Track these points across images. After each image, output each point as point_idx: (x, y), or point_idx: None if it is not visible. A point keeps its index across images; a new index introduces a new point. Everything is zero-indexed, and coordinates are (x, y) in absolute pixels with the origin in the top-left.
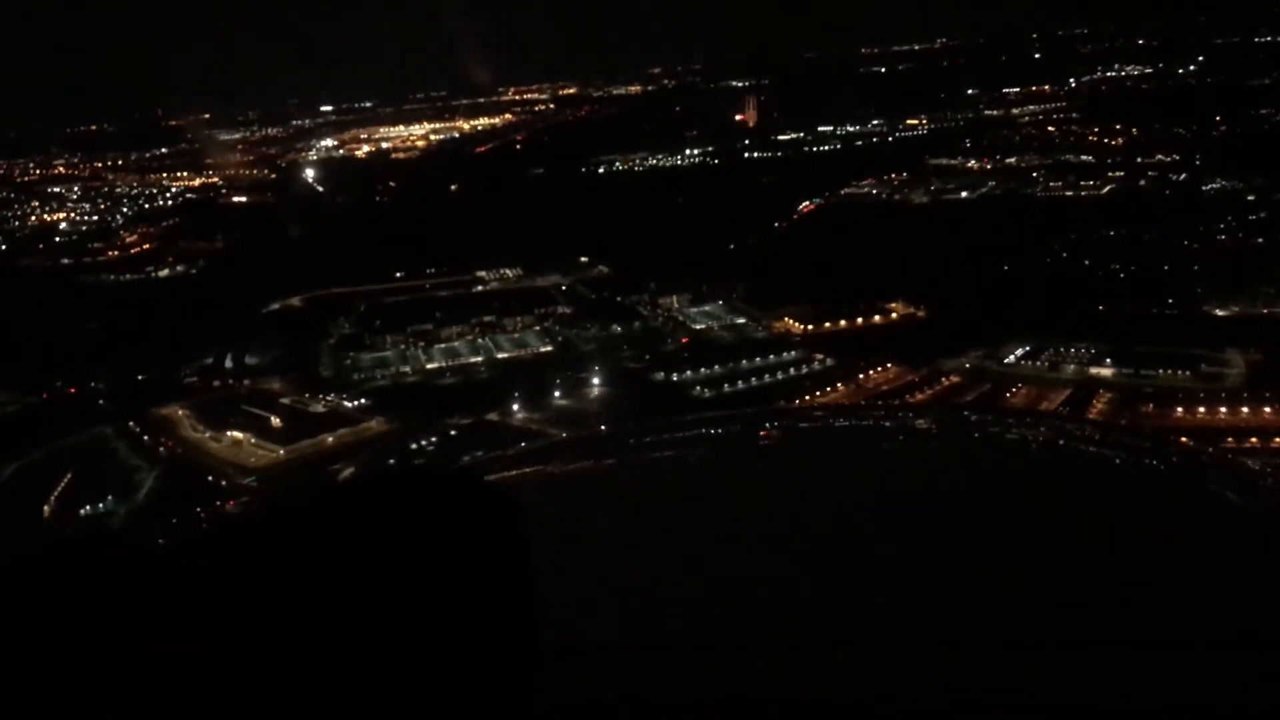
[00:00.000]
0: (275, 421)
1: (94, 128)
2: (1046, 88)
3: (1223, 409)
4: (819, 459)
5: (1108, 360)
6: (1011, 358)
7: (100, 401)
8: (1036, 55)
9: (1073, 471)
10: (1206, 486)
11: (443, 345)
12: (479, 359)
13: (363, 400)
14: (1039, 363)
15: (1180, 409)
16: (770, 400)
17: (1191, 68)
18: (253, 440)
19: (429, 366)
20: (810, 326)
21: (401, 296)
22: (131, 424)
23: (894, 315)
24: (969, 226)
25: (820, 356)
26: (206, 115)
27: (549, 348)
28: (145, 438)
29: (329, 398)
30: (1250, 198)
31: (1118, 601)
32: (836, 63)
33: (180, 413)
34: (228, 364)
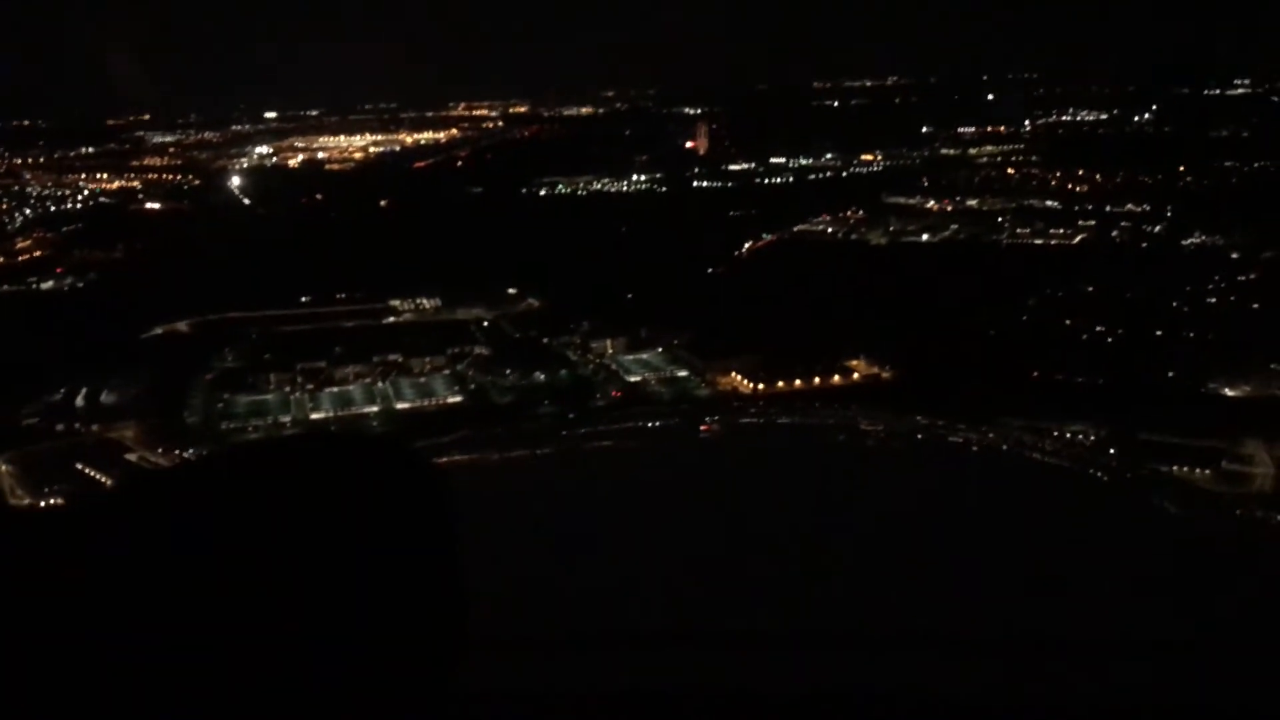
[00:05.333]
0: (110, 486)
1: (25, 123)
2: (1002, 128)
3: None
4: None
5: (1110, 452)
6: None
7: None
8: (990, 96)
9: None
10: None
11: (335, 389)
12: (374, 409)
13: None
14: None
15: None
16: None
17: (1146, 116)
18: None
19: (313, 416)
20: (760, 385)
21: (302, 325)
22: None
23: (856, 375)
24: (933, 274)
25: None
26: (146, 116)
27: (458, 398)
28: None
29: (186, 454)
30: (1235, 256)
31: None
32: (789, 94)
33: (2, 468)
34: (79, 402)
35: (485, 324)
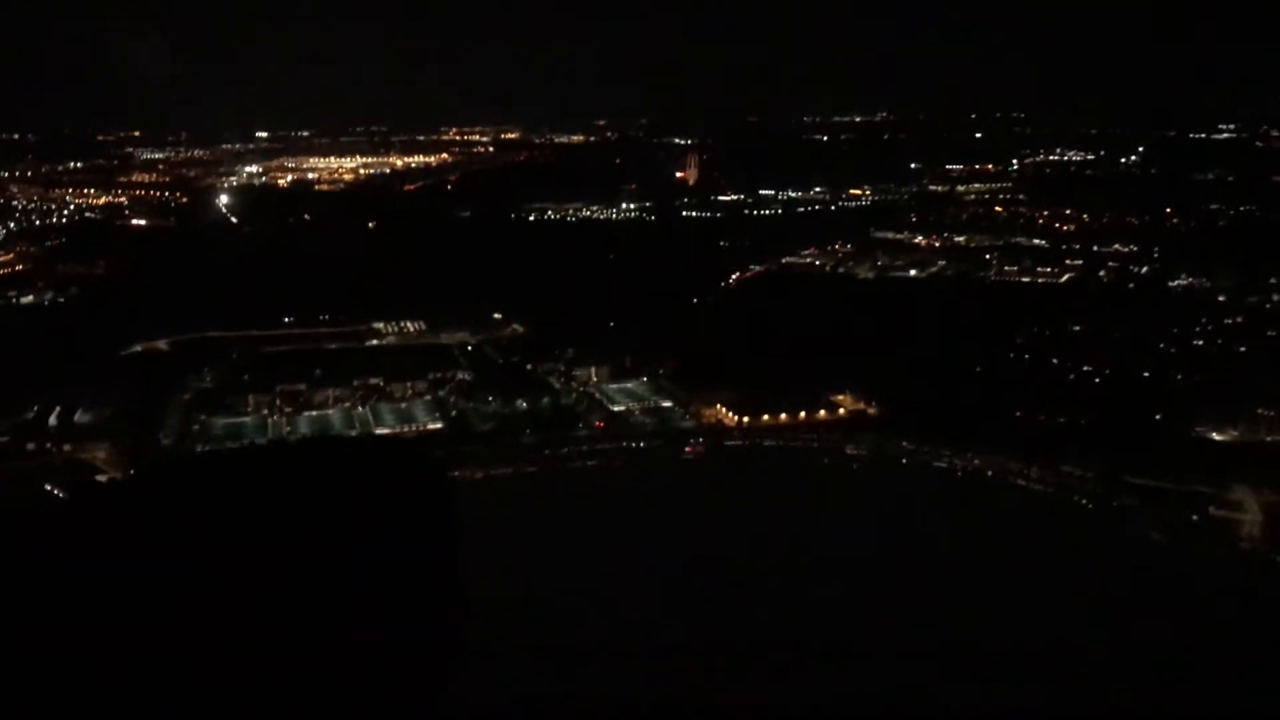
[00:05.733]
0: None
1: (15, 137)
2: (990, 166)
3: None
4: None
5: (1093, 485)
6: None
7: None
8: (978, 134)
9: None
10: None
11: (313, 412)
12: (351, 434)
13: None
14: None
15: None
16: None
17: (1133, 158)
18: None
19: (290, 441)
20: (745, 418)
21: (283, 346)
22: None
23: (842, 410)
24: (921, 309)
25: None
26: (136, 132)
27: (438, 424)
28: None
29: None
30: (1221, 298)
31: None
32: (779, 127)
33: None
34: (52, 421)
35: (469, 348)
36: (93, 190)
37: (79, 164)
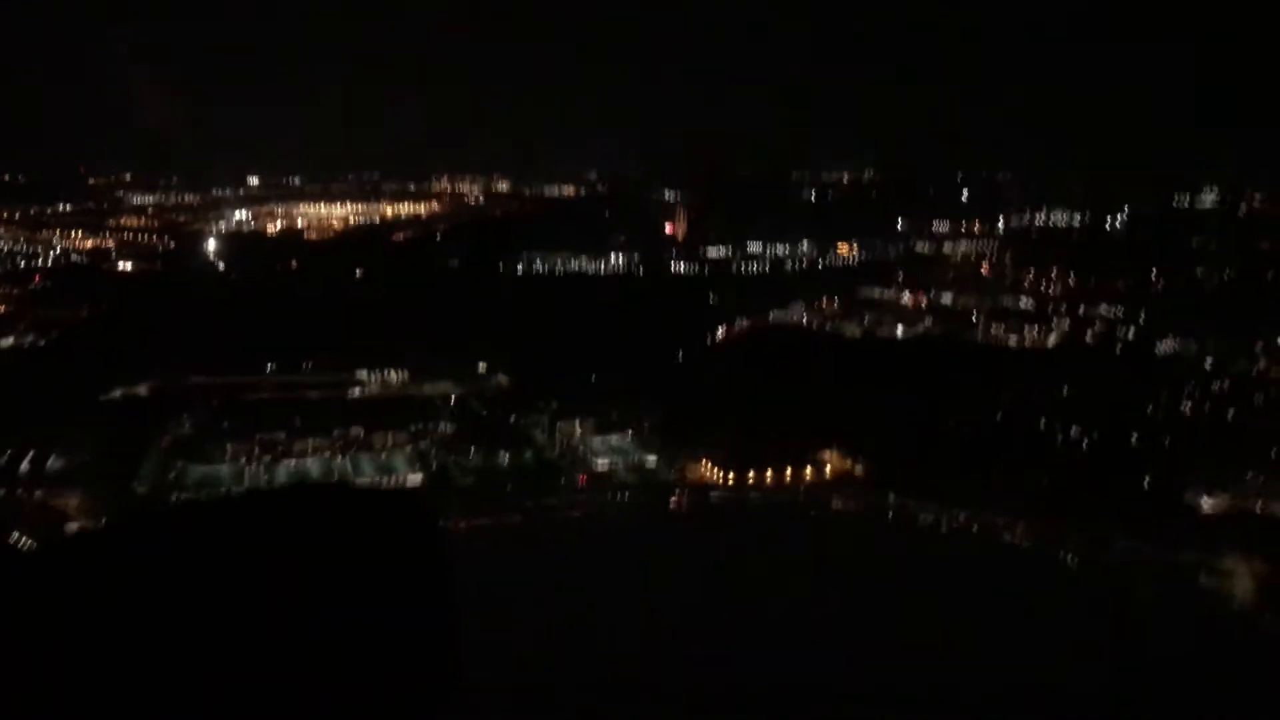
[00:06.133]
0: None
1: (5, 178)
2: (977, 226)
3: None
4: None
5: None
6: None
7: None
8: (964, 195)
9: None
10: None
11: (292, 462)
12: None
13: None
14: None
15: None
16: None
17: (1118, 222)
18: None
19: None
20: (730, 475)
21: (265, 393)
22: None
23: (828, 469)
24: (907, 368)
25: None
26: (128, 176)
27: (418, 477)
28: None
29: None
30: (1208, 363)
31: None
32: (767, 183)
33: None
34: (24, 467)
35: (452, 399)
36: (80, 233)
37: (68, 206)
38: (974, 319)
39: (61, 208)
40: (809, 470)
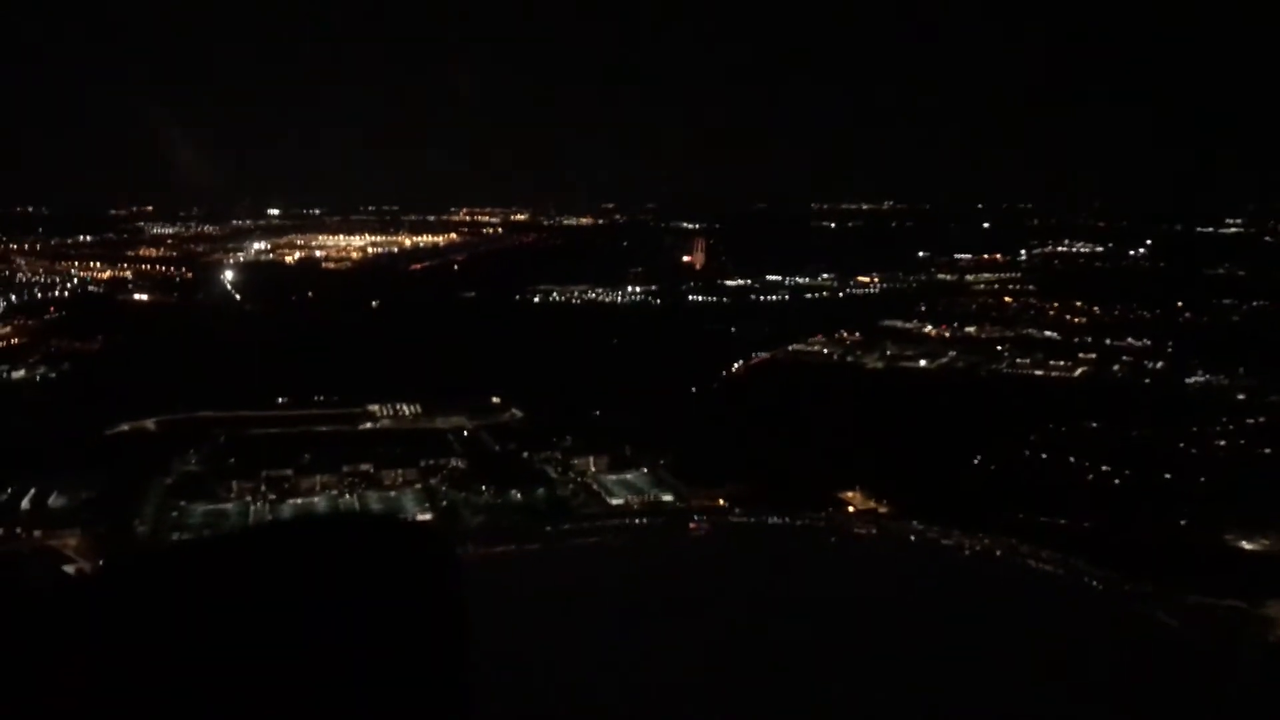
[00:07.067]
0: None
1: (29, 209)
2: (999, 256)
3: None
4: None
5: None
6: None
7: None
8: (986, 224)
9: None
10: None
11: (299, 500)
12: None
13: None
14: None
15: None
16: None
17: (1141, 251)
18: None
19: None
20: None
21: (273, 428)
22: None
23: (851, 509)
24: (931, 401)
25: None
26: (150, 207)
27: (428, 515)
28: None
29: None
30: (1241, 397)
31: None
32: (787, 213)
33: None
34: (24, 505)
35: (465, 434)
36: (98, 264)
37: (88, 237)
38: (999, 350)
39: (82, 238)
40: (831, 511)
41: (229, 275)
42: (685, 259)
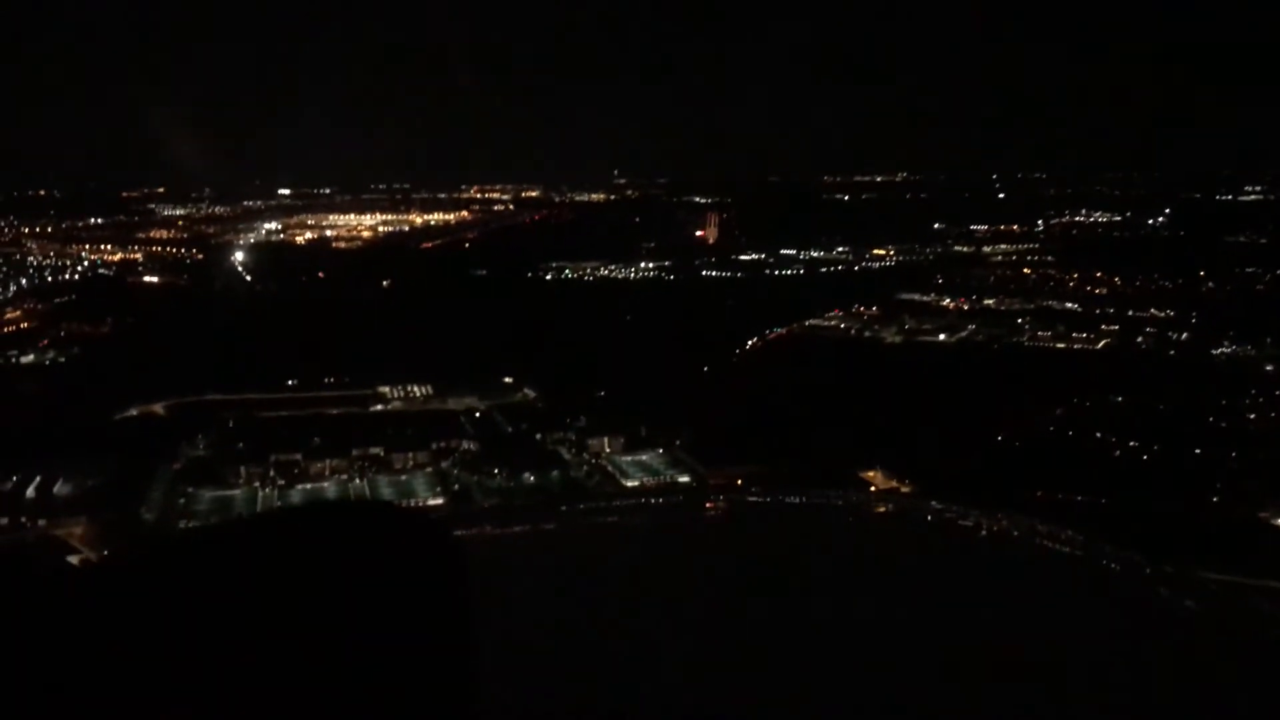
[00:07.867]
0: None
1: (41, 193)
2: (1015, 227)
3: None
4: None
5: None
6: None
7: None
8: (1001, 195)
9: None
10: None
11: (308, 485)
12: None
13: None
14: None
15: None
16: None
17: (1160, 220)
18: None
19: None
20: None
21: (283, 411)
22: None
23: (873, 489)
24: (952, 376)
25: None
26: (161, 189)
27: (439, 500)
28: None
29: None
30: (1270, 368)
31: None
32: (800, 187)
33: None
34: (30, 493)
35: (477, 415)
36: (109, 246)
37: (100, 220)
38: (1020, 323)
39: (93, 221)
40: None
41: (239, 256)
42: (698, 233)
